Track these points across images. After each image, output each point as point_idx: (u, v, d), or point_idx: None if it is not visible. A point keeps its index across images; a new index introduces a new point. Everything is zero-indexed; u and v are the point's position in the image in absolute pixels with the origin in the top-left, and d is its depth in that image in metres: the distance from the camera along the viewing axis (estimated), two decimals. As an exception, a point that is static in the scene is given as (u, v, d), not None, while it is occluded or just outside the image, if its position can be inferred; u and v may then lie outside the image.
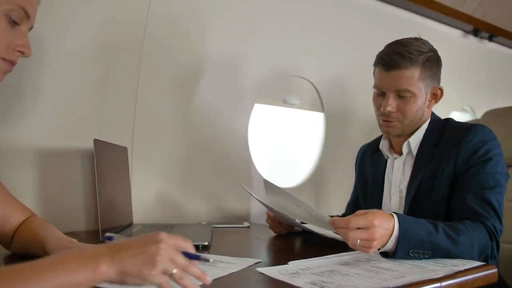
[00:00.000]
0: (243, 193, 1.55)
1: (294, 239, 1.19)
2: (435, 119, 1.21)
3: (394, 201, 1.21)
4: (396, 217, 0.87)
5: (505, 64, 2.61)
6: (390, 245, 0.86)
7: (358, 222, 0.83)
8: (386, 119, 1.17)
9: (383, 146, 1.27)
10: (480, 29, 2.23)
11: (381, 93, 1.17)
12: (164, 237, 0.58)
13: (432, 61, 1.14)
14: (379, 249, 0.88)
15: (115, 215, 1.22)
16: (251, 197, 1.44)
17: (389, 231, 0.85)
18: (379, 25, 1.92)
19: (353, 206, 1.44)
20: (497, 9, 2.11)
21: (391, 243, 0.86)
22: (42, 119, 1.27)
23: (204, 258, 0.62)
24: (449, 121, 1.20)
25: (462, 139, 1.09)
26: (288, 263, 0.84)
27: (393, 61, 1.11)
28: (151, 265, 0.56)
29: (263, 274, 0.77)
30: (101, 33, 1.34)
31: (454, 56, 2.06)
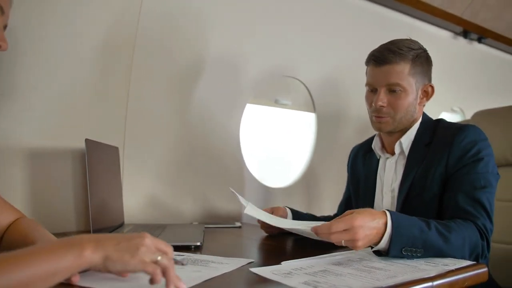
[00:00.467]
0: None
1: (286, 239, 1.19)
2: (426, 119, 1.23)
3: (386, 201, 1.22)
4: (389, 214, 0.87)
5: (494, 65, 2.65)
6: (383, 244, 0.86)
7: (339, 226, 0.83)
8: (378, 115, 1.18)
9: (376, 145, 1.28)
10: (469, 30, 2.25)
11: (372, 90, 1.19)
12: (148, 236, 0.62)
13: (422, 58, 1.17)
14: (372, 248, 0.88)
15: (107, 215, 1.21)
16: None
17: (377, 230, 0.85)
18: (371, 27, 1.93)
19: (345, 205, 1.45)
20: (486, 10, 2.13)
21: (384, 241, 0.86)
22: (32, 119, 1.25)
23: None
24: (441, 121, 1.21)
25: (453, 139, 1.10)
26: (281, 263, 0.84)
27: (383, 57, 1.14)
28: (134, 253, 0.59)
29: (256, 274, 0.77)
30: (92, 33, 1.32)
31: (444, 57, 2.08)
